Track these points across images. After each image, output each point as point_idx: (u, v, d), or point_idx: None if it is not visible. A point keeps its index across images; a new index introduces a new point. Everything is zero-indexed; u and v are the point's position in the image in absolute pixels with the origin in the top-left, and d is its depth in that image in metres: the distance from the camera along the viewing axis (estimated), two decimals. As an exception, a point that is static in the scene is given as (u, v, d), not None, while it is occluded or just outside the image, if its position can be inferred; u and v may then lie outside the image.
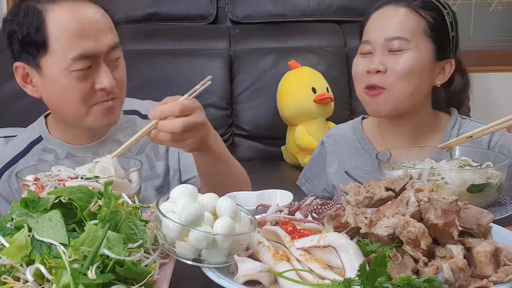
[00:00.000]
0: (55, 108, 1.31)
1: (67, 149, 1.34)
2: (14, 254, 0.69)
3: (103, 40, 1.21)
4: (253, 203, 1.12)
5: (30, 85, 1.29)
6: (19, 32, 1.20)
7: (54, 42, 1.18)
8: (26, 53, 1.23)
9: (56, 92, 1.24)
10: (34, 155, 1.34)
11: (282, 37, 2.67)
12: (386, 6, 1.32)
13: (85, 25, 1.19)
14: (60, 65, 1.19)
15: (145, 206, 0.89)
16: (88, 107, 1.23)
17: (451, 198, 0.75)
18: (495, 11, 3.16)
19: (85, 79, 1.20)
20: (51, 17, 1.19)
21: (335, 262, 0.74)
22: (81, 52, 1.18)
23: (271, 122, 2.49)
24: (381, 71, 1.26)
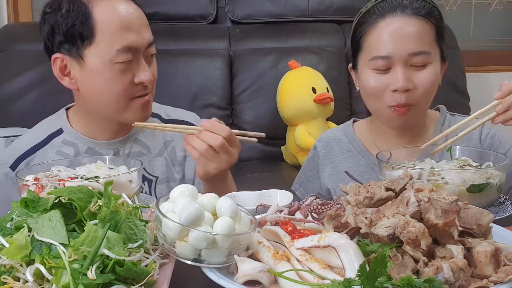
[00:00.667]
0: (93, 100, 1.30)
1: (88, 144, 1.36)
2: (14, 254, 0.69)
3: (144, 35, 1.26)
4: (253, 203, 1.12)
5: (67, 77, 1.30)
6: (64, 24, 1.22)
7: (100, 34, 1.21)
8: (69, 45, 1.24)
9: (98, 84, 1.25)
10: (53, 147, 1.35)
11: (282, 37, 2.67)
12: (392, 15, 1.24)
13: (130, 19, 1.24)
14: (104, 56, 1.22)
15: (145, 206, 0.89)
16: (127, 100, 1.27)
17: (451, 198, 0.75)
18: (495, 11, 3.16)
19: (126, 72, 1.24)
20: (98, 10, 1.22)
21: (335, 262, 0.74)
22: (126, 45, 1.22)
23: (271, 122, 2.48)
24: (411, 88, 1.21)
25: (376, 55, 1.24)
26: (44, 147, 1.35)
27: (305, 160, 1.55)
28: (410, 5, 1.24)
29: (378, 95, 1.25)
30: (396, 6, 1.25)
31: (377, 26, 1.26)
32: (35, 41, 2.62)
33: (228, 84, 2.54)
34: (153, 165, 1.41)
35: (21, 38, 2.64)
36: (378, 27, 1.25)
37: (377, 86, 1.25)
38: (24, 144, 1.37)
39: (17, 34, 2.68)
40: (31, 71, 2.50)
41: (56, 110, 2.45)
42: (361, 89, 1.33)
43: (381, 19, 1.25)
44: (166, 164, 1.43)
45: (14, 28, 2.81)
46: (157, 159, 1.42)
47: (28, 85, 2.49)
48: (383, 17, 1.25)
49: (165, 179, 1.41)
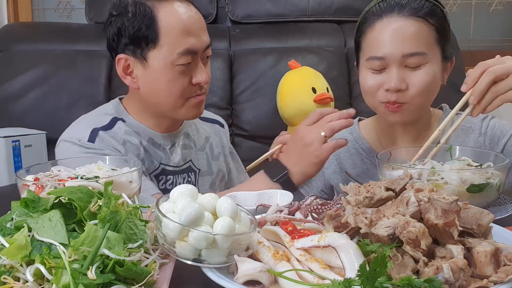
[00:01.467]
0: (152, 98, 1.36)
1: (149, 135, 1.42)
2: (14, 254, 0.69)
3: (203, 38, 1.33)
4: (253, 203, 1.12)
5: (129, 76, 1.36)
6: (131, 27, 1.29)
7: (163, 38, 1.28)
8: (134, 46, 1.30)
9: (159, 84, 1.32)
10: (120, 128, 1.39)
11: (282, 37, 2.67)
12: (389, 16, 1.24)
13: (191, 23, 1.31)
14: (166, 58, 1.29)
15: (145, 206, 0.89)
16: (184, 99, 1.34)
17: (451, 198, 0.75)
18: (495, 11, 3.16)
19: (185, 73, 1.31)
20: (162, 14, 1.28)
21: (335, 262, 0.74)
22: (187, 48, 1.29)
23: (271, 122, 2.48)
24: (403, 89, 1.23)
25: (372, 56, 1.26)
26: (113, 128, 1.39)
27: None
28: (409, 5, 1.24)
29: (373, 93, 1.28)
30: (394, 6, 1.25)
31: (374, 26, 1.27)
32: (35, 41, 2.63)
33: (228, 84, 2.55)
34: (198, 158, 1.54)
35: (21, 38, 2.64)
36: (375, 27, 1.27)
37: (372, 85, 1.27)
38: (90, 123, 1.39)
39: (17, 34, 2.68)
40: (31, 71, 2.51)
41: (56, 110, 2.47)
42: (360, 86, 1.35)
43: (378, 20, 1.26)
44: (207, 158, 1.56)
45: (14, 28, 2.81)
46: (200, 153, 1.55)
47: (28, 85, 2.49)
48: (380, 17, 1.26)
49: (206, 172, 1.55)
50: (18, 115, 2.46)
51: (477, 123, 1.35)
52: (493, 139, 1.32)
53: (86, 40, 2.64)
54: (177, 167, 1.47)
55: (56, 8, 3.20)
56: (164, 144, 1.44)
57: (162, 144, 1.44)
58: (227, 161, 1.65)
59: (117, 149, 1.35)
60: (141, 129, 1.41)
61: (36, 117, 2.45)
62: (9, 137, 2.19)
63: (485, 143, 1.33)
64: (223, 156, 1.63)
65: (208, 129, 1.61)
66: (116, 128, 1.39)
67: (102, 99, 2.48)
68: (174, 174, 1.46)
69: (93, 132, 1.36)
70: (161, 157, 1.43)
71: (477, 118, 1.35)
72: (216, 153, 1.60)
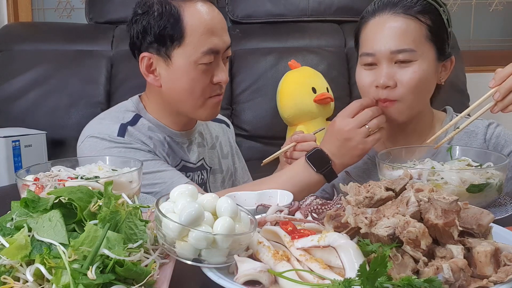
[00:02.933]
0: (174, 96, 1.38)
1: (167, 133, 1.44)
2: (14, 254, 0.69)
3: (225, 38, 1.36)
4: (253, 203, 1.12)
5: (152, 74, 1.37)
6: (156, 26, 1.30)
7: (189, 36, 1.30)
8: (159, 45, 1.32)
9: (182, 82, 1.34)
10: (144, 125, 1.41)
11: (282, 37, 2.67)
12: (382, 13, 1.27)
13: (214, 23, 1.33)
14: (190, 57, 1.31)
15: (145, 206, 0.89)
16: (205, 99, 1.36)
17: (451, 198, 0.75)
18: (495, 11, 3.16)
19: (207, 72, 1.33)
20: (187, 14, 1.31)
21: (335, 262, 0.74)
22: (210, 47, 1.31)
23: (271, 122, 2.48)
24: (391, 86, 1.23)
25: (364, 52, 1.29)
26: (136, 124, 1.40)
27: None
28: (401, 3, 1.26)
29: (366, 90, 1.29)
30: (387, 4, 1.28)
31: (367, 24, 1.30)
32: (35, 41, 2.63)
33: (228, 84, 2.54)
34: (209, 157, 1.56)
35: (21, 38, 2.64)
36: (368, 25, 1.30)
37: (365, 82, 1.29)
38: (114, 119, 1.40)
39: (17, 34, 2.68)
40: (31, 71, 2.51)
41: (56, 110, 2.47)
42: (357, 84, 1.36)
43: (371, 18, 1.29)
44: (217, 157, 1.59)
45: (14, 28, 2.81)
46: (211, 151, 1.58)
47: (28, 85, 2.49)
48: (373, 15, 1.29)
49: (217, 170, 1.58)
50: (18, 115, 2.46)
51: (481, 128, 1.35)
52: (497, 147, 1.33)
53: (86, 40, 2.64)
54: (194, 165, 1.49)
55: (56, 8, 3.20)
56: (182, 142, 1.47)
57: (180, 142, 1.46)
58: (234, 160, 1.68)
59: (146, 143, 1.37)
60: (160, 127, 1.43)
61: (36, 117, 2.46)
62: (9, 137, 2.19)
63: (488, 149, 1.33)
64: (231, 155, 1.67)
65: (217, 128, 1.64)
66: (139, 124, 1.40)
67: (102, 99, 2.48)
68: (192, 171, 1.48)
69: (122, 127, 1.37)
70: (182, 154, 1.46)
71: (482, 123, 1.36)
72: (225, 152, 1.63)
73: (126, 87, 2.46)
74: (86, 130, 1.41)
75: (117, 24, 2.74)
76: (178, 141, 1.45)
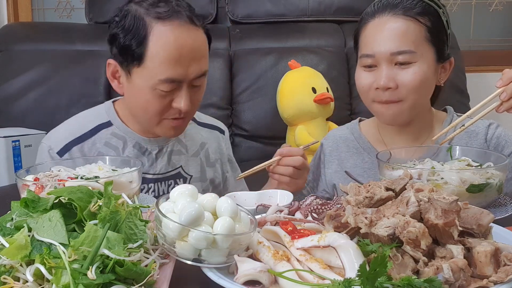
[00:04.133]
0: (132, 109, 1.38)
1: (136, 139, 1.41)
2: (14, 254, 0.69)
3: (193, 69, 1.26)
4: (253, 203, 1.12)
5: (117, 81, 1.35)
6: (122, 38, 1.26)
7: (149, 60, 1.24)
8: (122, 58, 1.28)
9: (138, 100, 1.31)
10: (101, 138, 1.39)
11: (282, 37, 2.67)
12: (382, 15, 1.27)
13: (181, 52, 1.24)
14: (148, 81, 1.25)
15: (145, 206, 0.89)
16: (160, 119, 1.32)
17: (451, 198, 0.75)
18: (495, 11, 3.16)
19: (166, 97, 1.27)
20: (154, 36, 1.23)
21: (335, 262, 0.74)
22: (169, 77, 1.24)
23: (271, 122, 2.48)
24: (392, 87, 1.24)
25: (363, 53, 1.29)
26: (93, 137, 1.39)
27: (312, 159, 1.57)
28: (401, 4, 1.26)
29: (366, 91, 1.30)
30: (387, 5, 1.28)
31: (367, 25, 1.30)
32: (35, 41, 2.63)
33: (228, 84, 2.55)
34: (189, 165, 1.50)
35: (21, 38, 2.64)
36: (368, 26, 1.30)
37: (364, 83, 1.30)
38: (73, 131, 1.40)
39: (17, 34, 2.68)
40: (31, 71, 2.51)
41: (56, 110, 2.47)
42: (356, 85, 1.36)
43: (371, 19, 1.29)
44: (200, 165, 1.52)
45: (14, 28, 2.81)
46: (193, 159, 1.51)
47: (28, 85, 2.49)
48: (373, 17, 1.29)
49: (198, 178, 1.50)
50: (18, 115, 2.46)
51: (482, 129, 1.36)
52: (497, 148, 1.33)
53: (86, 40, 2.64)
54: (160, 174, 1.44)
55: (56, 8, 3.20)
56: (151, 149, 1.42)
57: (148, 149, 1.42)
58: (224, 168, 1.61)
59: None
60: (128, 133, 1.40)
61: (36, 117, 2.45)
62: (9, 137, 2.19)
63: (489, 149, 1.33)
64: (220, 163, 1.59)
65: (205, 134, 1.57)
66: (97, 136, 1.39)
67: (102, 99, 2.48)
68: (155, 182, 1.43)
69: (66, 147, 1.37)
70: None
71: (483, 123, 1.37)
72: (212, 160, 1.56)
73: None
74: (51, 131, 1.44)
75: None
76: (147, 147, 1.41)
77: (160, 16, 1.24)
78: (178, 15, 1.25)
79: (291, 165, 1.29)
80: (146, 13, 1.25)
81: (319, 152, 1.52)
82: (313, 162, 1.55)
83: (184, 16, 1.25)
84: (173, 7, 1.25)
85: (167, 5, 1.26)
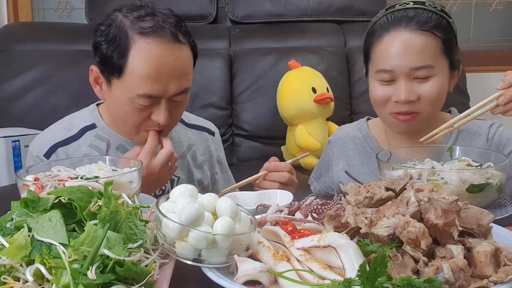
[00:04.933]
0: (112, 117, 1.39)
1: (119, 141, 1.41)
2: (14, 254, 0.69)
3: (172, 86, 1.24)
4: (253, 203, 1.12)
5: (100, 87, 1.35)
6: (105, 48, 1.25)
7: (128, 74, 1.23)
8: (103, 67, 1.28)
9: (117, 110, 1.31)
10: (86, 140, 1.39)
11: (282, 37, 2.67)
12: (397, 29, 1.26)
13: (161, 70, 1.22)
14: (126, 94, 1.25)
15: (145, 206, 0.89)
16: (138, 130, 1.31)
17: (451, 198, 0.75)
18: (495, 11, 3.16)
19: (144, 110, 1.27)
20: (134, 52, 1.22)
21: (335, 262, 0.74)
22: (147, 93, 1.23)
23: (271, 122, 2.49)
24: (413, 100, 1.25)
25: (381, 69, 1.28)
26: (78, 140, 1.39)
27: (321, 156, 1.59)
28: (416, 18, 1.25)
29: (382, 104, 1.30)
30: (401, 19, 1.27)
31: (382, 39, 1.29)
32: (35, 41, 2.63)
33: (228, 84, 2.55)
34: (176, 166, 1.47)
35: (21, 38, 2.64)
36: (383, 40, 1.28)
37: (382, 96, 1.29)
38: (58, 134, 1.41)
39: (17, 34, 2.68)
40: (31, 71, 2.51)
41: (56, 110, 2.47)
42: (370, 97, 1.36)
43: (386, 33, 1.28)
44: (187, 166, 1.51)
45: (14, 28, 2.81)
46: (180, 160, 1.46)
47: (28, 85, 2.49)
48: (388, 30, 1.28)
49: (185, 179, 1.49)
50: (18, 115, 2.47)
51: (484, 129, 1.37)
52: (499, 147, 1.34)
53: (86, 40, 2.61)
54: None
55: (56, 8, 3.20)
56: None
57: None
58: (212, 170, 1.60)
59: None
60: (111, 135, 1.40)
61: (36, 117, 2.46)
62: (9, 137, 2.19)
63: (491, 148, 1.34)
64: (209, 164, 1.58)
65: (193, 136, 1.56)
66: (82, 139, 1.39)
67: (102, 99, 2.48)
68: None
69: (51, 149, 1.37)
70: None
71: (485, 124, 1.38)
72: (199, 161, 1.54)
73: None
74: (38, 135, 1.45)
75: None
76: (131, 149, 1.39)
77: (143, 32, 1.22)
78: (163, 31, 1.23)
79: (276, 181, 1.29)
80: (130, 27, 1.23)
81: (328, 150, 1.53)
82: (322, 157, 1.56)
83: (169, 33, 1.23)
84: (158, 23, 1.23)
85: (152, 20, 1.24)
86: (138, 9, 1.27)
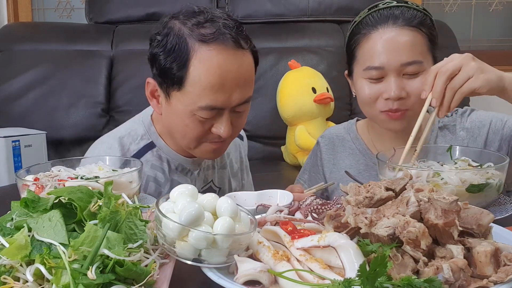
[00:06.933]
0: (170, 131, 1.30)
1: (179, 160, 1.35)
2: (14, 254, 0.69)
3: (236, 95, 1.18)
4: (253, 203, 1.12)
5: (156, 100, 1.28)
6: (163, 60, 1.17)
7: (190, 85, 1.15)
8: (162, 79, 1.20)
9: (176, 124, 1.23)
10: (148, 160, 1.32)
11: (282, 37, 2.67)
12: (384, 26, 1.26)
13: (225, 79, 1.15)
14: (187, 106, 1.17)
15: (145, 206, 0.89)
16: (199, 143, 1.24)
17: (451, 198, 0.75)
18: (495, 11, 3.16)
19: (205, 123, 1.20)
20: (196, 61, 1.14)
21: (335, 262, 0.74)
22: (210, 105, 1.16)
23: (271, 122, 2.49)
24: (404, 97, 1.24)
25: (370, 66, 1.27)
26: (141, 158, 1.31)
27: (308, 157, 1.57)
28: (402, 16, 1.26)
29: (372, 102, 1.29)
30: (388, 17, 1.27)
31: (370, 37, 1.28)
32: (35, 41, 2.63)
33: (228, 84, 2.54)
34: (218, 177, 1.46)
35: (21, 38, 2.64)
36: (371, 38, 1.28)
37: (371, 94, 1.28)
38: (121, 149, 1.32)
39: (17, 34, 2.69)
40: (31, 71, 2.51)
41: (56, 110, 2.47)
42: (356, 96, 1.35)
43: (373, 30, 1.28)
44: (228, 176, 1.49)
45: (14, 28, 2.81)
46: (222, 171, 1.46)
47: (28, 85, 2.49)
48: (375, 28, 1.28)
49: (225, 190, 1.46)
50: (18, 115, 2.47)
51: (457, 120, 1.38)
52: (474, 132, 1.35)
53: (86, 40, 2.65)
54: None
55: (56, 8, 3.20)
56: (193, 169, 1.37)
57: (191, 169, 1.37)
58: (242, 176, 1.57)
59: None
60: (171, 155, 1.34)
61: (36, 117, 2.46)
62: (9, 137, 2.19)
63: (468, 136, 1.35)
64: (240, 171, 1.55)
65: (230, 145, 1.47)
66: (144, 158, 1.31)
67: (102, 99, 2.48)
68: None
69: None
70: None
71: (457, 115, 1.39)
72: (235, 170, 1.52)
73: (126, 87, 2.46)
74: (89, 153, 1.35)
75: (117, 24, 2.74)
76: (190, 168, 1.36)
77: (204, 39, 1.14)
78: (224, 37, 1.15)
79: None
80: (189, 34, 1.15)
81: (316, 150, 1.52)
82: (309, 161, 1.54)
83: (230, 39, 1.15)
84: (219, 29, 1.15)
85: (212, 26, 1.16)
86: (196, 15, 1.19)
